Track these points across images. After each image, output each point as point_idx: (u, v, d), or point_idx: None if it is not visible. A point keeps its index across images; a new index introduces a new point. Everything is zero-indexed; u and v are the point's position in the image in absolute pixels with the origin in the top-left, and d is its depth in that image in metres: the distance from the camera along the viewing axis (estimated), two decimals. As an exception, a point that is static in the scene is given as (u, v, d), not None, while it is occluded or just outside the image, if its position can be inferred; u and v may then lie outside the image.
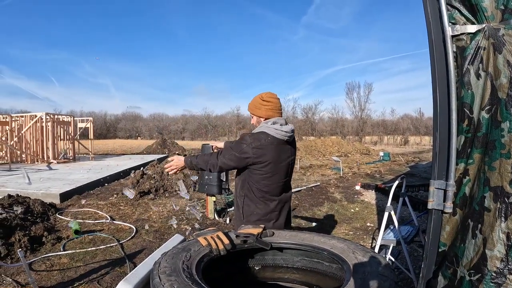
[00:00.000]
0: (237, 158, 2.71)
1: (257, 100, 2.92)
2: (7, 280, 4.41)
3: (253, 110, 2.95)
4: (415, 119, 60.92)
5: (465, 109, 2.05)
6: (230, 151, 2.72)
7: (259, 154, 2.70)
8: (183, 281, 1.48)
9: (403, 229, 4.40)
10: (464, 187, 2.08)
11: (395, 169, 17.01)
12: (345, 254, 1.80)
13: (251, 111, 2.97)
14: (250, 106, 2.98)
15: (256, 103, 2.92)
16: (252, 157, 2.70)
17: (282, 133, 2.79)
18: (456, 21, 2.07)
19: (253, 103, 2.94)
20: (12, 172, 13.87)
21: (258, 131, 2.80)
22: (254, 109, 2.93)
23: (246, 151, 2.70)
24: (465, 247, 2.00)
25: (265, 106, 2.88)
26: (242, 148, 2.70)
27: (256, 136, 2.73)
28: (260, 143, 2.70)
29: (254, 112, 2.94)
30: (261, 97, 2.91)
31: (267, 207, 2.77)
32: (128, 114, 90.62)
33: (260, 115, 2.91)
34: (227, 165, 2.74)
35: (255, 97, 2.96)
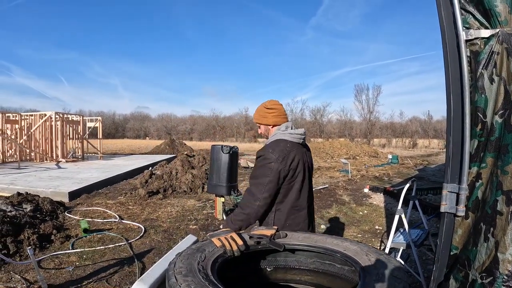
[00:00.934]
0: (274, 182, 2.57)
1: (261, 109, 2.90)
2: (16, 278, 4.45)
3: (260, 120, 2.91)
4: (424, 122, 60.71)
5: (479, 113, 2.05)
6: (263, 180, 2.56)
7: (288, 164, 2.62)
8: (200, 282, 1.48)
9: (413, 232, 4.40)
10: (476, 190, 2.09)
11: (403, 172, 16.95)
12: (359, 256, 1.80)
13: (258, 121, 2.94)
14: (256, 116, 2.94)
15: (261, 112, 2.89)
16: (284, 170, 2.59)
17: (298, 137, 2.79)
18: (470, 26, 2.07)
19: (258, 113, 2.91)
20: (21, 170, 13.99)
21: (274, 139, 2.74)
22: (261, 118, 2.90)
23: (277, 168, 2.58)
24: (477, 250, 2.00)
25: (270, 114, 2.86)
26: (272, 168, 2.57)
27: (275, 146, 2.65)
28: (284, 153, 2.63)
29: (261, 121, 2.90)
30: (265, 106, 2.89)
31: (299, 217, 2.72)
32: (136, 114, 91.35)
33: (267, 123, 2.87)
34: (270, 196, 2.57)
35: (259, 107, 2.94)
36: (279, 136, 2.74)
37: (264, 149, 2.69)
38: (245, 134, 70.60)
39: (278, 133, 2.78)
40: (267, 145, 2.73)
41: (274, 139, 2.74)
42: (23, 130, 17.88)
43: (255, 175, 2.63)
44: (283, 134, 2.75)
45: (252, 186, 2.60)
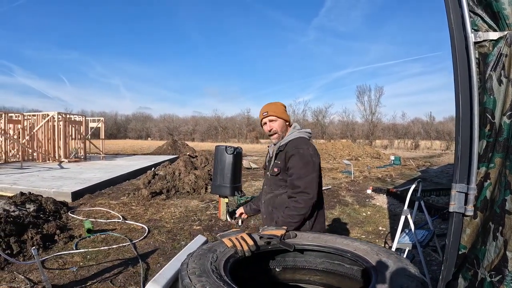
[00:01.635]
0: (318, 177, 2.70)
1: (281, 106, 2.93)
2: (20, 278, 4.45)
3: (281, 114, 2.89)
4: (426, 123, 60.64)
5: (487, 114, 2.07)
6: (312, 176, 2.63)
7: (320, 157, 2.76)
8: (214, 282, 1.49)
9: (418, 233, 4.40)
10: (485, 190, 2.10)
11: (406, 174, 16.94)
12: (369, 256, 1.81)
13: (278, 115, 2.88)
14: (275, 110, 2.89)
15: (281, 108, 2.91)
16: (320, 164, 2.75)
17: (310, 135, 2.92)
18: (478, 28, 2.09)
19: (278, 108, 2.90)
20: (24, 170, 14.02)
21: (298, 137, 2.81)
22: (281, 113, 2.90)
23: (317, 162, 2.71)
24: (486, 249, 2.02)
25: (287, 113, 2.95)
26: (315, 163, 2.68)
27: (306, 143, 2.76)
28: (315, 148, 2.77)
29: (282, 115, 2.89)
30: (283, 104, 2.96)
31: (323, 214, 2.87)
32: (138, 114, 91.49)
33: (286, 118, 2.91)
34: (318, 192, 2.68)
35: (277, 104, 2.95)
36: (300, 134, 2.83)
37: (297, 145, 2.71)
38: (247, 135, 70.57)
39: (296, 131, 2.86)
40: (298, 142, 2.76)
41: (297, 136, 2.82)
42: (26, 130, 17.91)
43: (301, 174, 2.62)
44: (302, 132, 2.86)
45: (302, 185, 2.59)
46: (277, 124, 2.89)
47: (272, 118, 2.88)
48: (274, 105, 2.93)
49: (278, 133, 2.88)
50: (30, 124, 18.29)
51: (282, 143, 2.84)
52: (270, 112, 2.88)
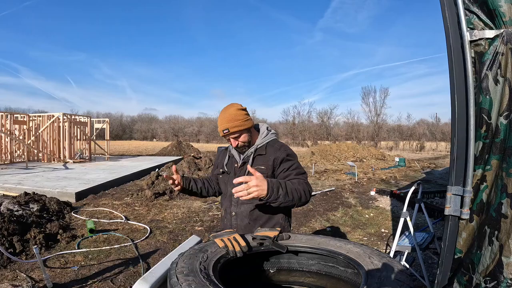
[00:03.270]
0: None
1: (239, 113, 2.47)
2: (22, 276, 4.48)
3: (244, 125, 2.47)
4: (432, 125, 60.42)
5: (483, 114, 2.04)
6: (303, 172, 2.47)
7: None
8: (200, 281, 1.48)
9: (418, 235, 4.37)
10: (481, 193, 2.07)
11: (410, 175, 16.85)
12: (361, 259, 1.79)
13: (241, 128, 2.46)
14: (237, 124, 2.44)
15: (240, 116, 2.46)
16: None
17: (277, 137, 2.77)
18: (474, 26, 2.06)
19: (238, 118, 2.45)
20: (29, 170, 14.09)
21: (273, 138, 2.62)
22: (244, 123, 2.47)
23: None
24: (482, 254, 1.98)
25: (248, 116, 2.54)
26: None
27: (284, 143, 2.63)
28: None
29: (245, 125, 2.47)
30: (240, 108, 2.50)
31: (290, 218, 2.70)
32: (144, 115, 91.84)
33: (251, 125, 2.54)
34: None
35: (233, 112, 2.47)
36: (273, 137, 2.64)
37: (283, 147, 2.53)
38: (252, 137, 70.52)
39: (271, 133, 2.64)
40: (279, 143, 2.59)
41: (271, 139, 2.61)
42: (31, 131, 18.01)
43: (302, 171, 2.47)
44: (274, 134, 2.68)
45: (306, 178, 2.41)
46: (242, 137, 2.50)
47: (236, 134, 2.48)
48: (232, 116, 2.46)
49: (246, 145, 2.53)
50: (35, 125, 18.39)
51: (259, 146, 2.54)
52: (232, 129, 2.44)
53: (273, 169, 2.46)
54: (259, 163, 2.47)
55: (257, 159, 2.50)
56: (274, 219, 2.48)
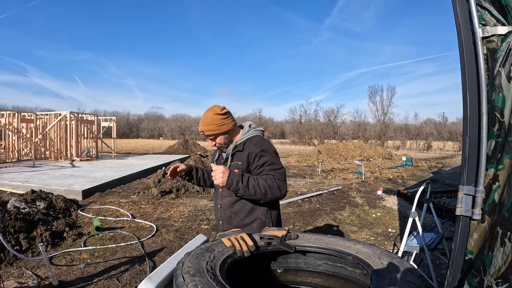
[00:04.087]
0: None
1: (216, 117, 2.57)
2: (27, 273, 4.50)
3: (218, 129, 2.58)
4: (439, 124, 60.00)
5: (496, 112, 1.99)
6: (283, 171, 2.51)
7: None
8: (207, 282, 1.46)
9: (427, 236, 4.32)
10: (493, 193, 2.02)
11: (417, 175, 16.76)
12: (371, 259, 1.76)
13: (215, 132, 2.58)
14: (211, 128, 2.56)
15: (216, 121, 2.56)
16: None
17: (263, 133, 2.80)
18: (486, 22, 2.01)
19: (214, 123, 2.56)
20: (36, 168, 14.16)
21: (253, 135, 2.66)
22: (219, 127, 2.58)
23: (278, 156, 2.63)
24: (493, 256, 1.94)
25: (228, 119, 2.61)
26: (279, 157, 2.60)
27: (264, 139, 2.66)
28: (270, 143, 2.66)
29: (220, 130, 2.58)
30: (219, 112, 2.58)
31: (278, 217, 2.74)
32: (151, 114, 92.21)
33: (227, 129, 2.60)
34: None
35: (211, 116, 2.57)
36: (255, 133, 2.69)
37: (259, 143, 2.56)
38: (259, 135, 70.53)
39: (253, 130, 2.71)
40: (257, 139, 2.61)
41: (252, 135, 2.66)
42: (38, 129, 18.10)
43: (277, 166, 2.50)
44: (257, 131, 2.72)
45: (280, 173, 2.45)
46: (218, 139, 2.64)
47: (211, 137, 2.63)
48: (208, 120, 2.58)
49: (223, 145, 2.67)
50: (42, 123, 18.48)
51: (239, 142, 2.63)
52: (206, 132, 2.61)
53: (248, 164, 2.54)
54: (237, 159, 2.59)
55: (236, 155, 2.60)
56: (254, 214, 2.60)
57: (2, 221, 5.42)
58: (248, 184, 2.32)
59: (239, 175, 2.34)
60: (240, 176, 2.33)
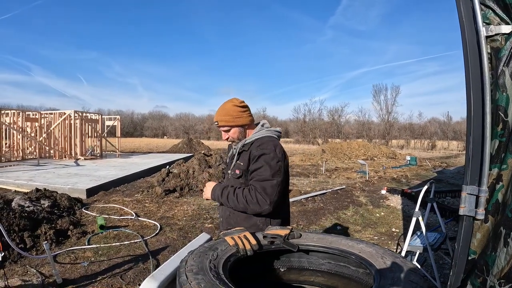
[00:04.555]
0: (283, 183, 2.43)
1: (234, 109, 2.54)
2: (32, 271, 4.53)
3: (233, 121, 2.54)
4: (443, 123, 59.83)
5: (500, 112, 1.98)
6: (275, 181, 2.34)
7: (286, 161, 2.50)
8: (210, 280, 1.46)
9: (430, 235, 4.31)
10: (497, 193, 2.01)
11: (421, 174, 16.72)
12: (374, 259, 1.76)
13: (230, 124, 2.54)
14: (226, 119, 2.53)
15: (233, 112, 2.53)
16: (286, 168, 2.48)
17: (279, 135, 2.65)
18: (490, 21, 2.00)
19: (230, 114, 2.53)
20: (41, 167, 14.21)
21: (264, 136, 2.53)
22: (235, 120, 2.54)
23: (284, 167, 2.44)
24: (496, 256, 1.93)
25: (245, 113, 2.58)
26: (281, 167, 2.40)
27: (274, 142, 2.47)
28: (282, 149, 2.48)
29: (235, 122, 2.54)
30: (237, 104, 2.55)
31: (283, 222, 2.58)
32: (155, 113, 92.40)
33: (243, 123, 2.56)
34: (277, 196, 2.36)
35: (229, 107, 2.55)
36: (267, 133, 2.56)
37: (263, 146, 2.42)
38: (263, 134, 70.54)
39: (264, 130, 2.59)
40: (264, 141, 2.47)
41: (264, 135, 2.55)
42: (43, 128, 18.17)
43: (265, 176, 2.34)
44: (270, 131, 2.59)
45: (261, 188, 2.32)
46: (231, 132, 2.59)
47: (225, 128, 2.59)
48: (225, 111, 2.56)
49: (236, 140, 2.62)
50: (47, 122, 18.55)
51: (247, 141, 2.55)
52: (221, 123, 2.56)
53: (248, 165, 2.48)
54: (241, 159, 2.55)
55: (242, 154, 2.55)
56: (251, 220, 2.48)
57: (6, 219, 5.45)
58: (227, 199, 2.41)
59: (220, 189, 2.46)
60: (220, 190, 2.44)
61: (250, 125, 2.62)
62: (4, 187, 10.09)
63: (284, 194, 2.58)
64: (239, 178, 2.55)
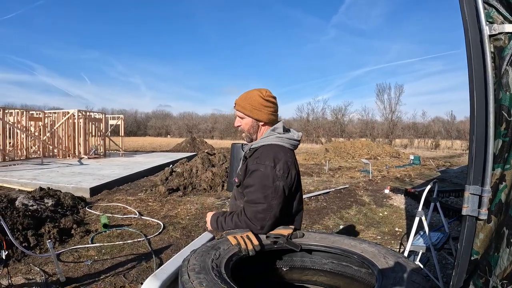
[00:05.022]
0: (280, 205, 2.08)
1: (256, 99, 2.24)
2: (35, 270, 4.55)
3: (250, 112, 2.25)
4: (447, 122, 59.55)
5: (503, 111, 1.97)
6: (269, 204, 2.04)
7: (291, 180, 2.15)
8: (212, 279, 1.47)
9: (433, 235, 4.30)
10: (500, 193, 2.01)
11: (425, 174, 16.67)
12: (376, 259, 1.75)
13: (245, 112, 2.26)
14: (244, 106, 2.25)
15: (255, 102, 2.23)
16: (287, 188, 2.12)
17: (295, 143, 2.30)
18: (493, 20, 1.99)
19: (250, 102, 2.24)
20: (44, 166, 14.25)
21: (268, 144, 2.20)
22: (252, 110, 2.24)
23: (282, 186, 2.07)
24: (499, 256, 1.92)
25: (267, 108, 2.25)
26: (278, 188, 2.06)
27: (276, 157, 2.10)
28: (287, 165, 2.12)
29: (251, 114, 2.25)
30: (262, 95, 2.23)
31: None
32: (158, 112, 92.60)
33: (260, 118, 2.26)
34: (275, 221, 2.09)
35: (253, 94, 2.26)
36: (274, 141, 2.21)
37: (262, 160, 2.11)
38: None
39: (273, 136, 2.24)
40: (263, 153, 2.15)
41: (268, 143, 2.20)
42: (47, 127, 18.22)
43: (255, 198, 2.07)
44: (280, 138, 2.23)
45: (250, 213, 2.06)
46: (244, 122, 2.30)
47: (240, 114, 2.30)
48: (247, 96, 2.27)
49: (246, 133, 2.33)
50: (50, 122, 18.60)
51: (253, 146, 2.26)
52: (238, 107, 2.28)
53: (244, 176, 2.21)
54: (242, 167, 2.29)
55: (245, 162, 2.28)
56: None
57: (10, 218, 5.47)
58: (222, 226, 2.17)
59: (214, 220, 2.22)
60: (215, 221, 2.21)
61: (268, 124, 2.30)
62: (8, 186, 10.12)
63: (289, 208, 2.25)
64: (238, 187, 2.32)
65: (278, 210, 2.08)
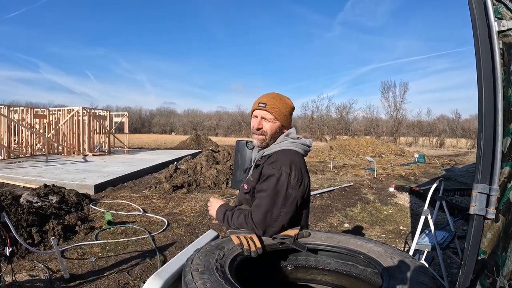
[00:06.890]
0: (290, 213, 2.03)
1: (289, 104, 2.23)
2: (39, 266, 4.55)
3: (282, 116, 2.19)
4: (452, 121, 59.37)
5: (512, 109, 1.94)
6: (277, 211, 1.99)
7: (304, 188, 2.09)
8: (216, 280, 1.45)
9: (439, 234, 4.27)
10: (508, 192, 1.98)
11: (430, 172, 16.60)
12: (382, 259, 1.73)
13: (277, 115, 2.17)
14: (278, 109, 2.17)
15: (288, 108, 2.22)
16: (299, 196, 2.07)
17: (307, 149, 2.25)
18: (502, 16, 1.96)
19: (284, 107, 2.20)
20: (49, 163, 14.29)
21: (283, 149, 2.13)
22: (284, 115, 2.20)
23: (294, 196, 2.02)
24: (507, 256, 1.90)
25: (290, 116, 2.24)
26: (289, 196, 2.01)
27: (290, 163, 2.04)
28: (301, 173, 2.08)
29: (282, 118, 2.19)
30: (291, 104, 2.24)
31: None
32: (163, 109, 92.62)
33: (285, 124, 2.22)
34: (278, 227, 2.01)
35: (285, 100, 2.23)
36: (289, 146, 2.15)
37: (277, 165, 2.04)
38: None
39: (288, 141, 2.18)
40: (279, 158, 2.08)
41: (283, 148, 2.15)
42: (51, 124, 18.26)
43: (266, 204, 2.00)
44: (295, 143, 2.18)
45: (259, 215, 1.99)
46: (270, 125, 2.18)
47: (269, 116, 2.17)
48: (281, 101, 2.20)
49: (265, 136, 2.19)
50: (55, 119, 18.64)
51: (265, 153, 2.18)
52: (270, 108, 2.16)
53: (257, 182, 2.14)
54: (254, 174, 2.22)
55: (257, 169, 2.21)
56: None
57: (15, 215, 5.48)
58: (229, 223, 2.11)
59: (222, 213, 2.16)
60: (222, 215, 2.16)
61: (281, 130, 2.23)
62: (13, 183, 10.16)
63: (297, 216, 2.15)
64: (246, 193, 2.24)
65: (287, 219, 2.02)
